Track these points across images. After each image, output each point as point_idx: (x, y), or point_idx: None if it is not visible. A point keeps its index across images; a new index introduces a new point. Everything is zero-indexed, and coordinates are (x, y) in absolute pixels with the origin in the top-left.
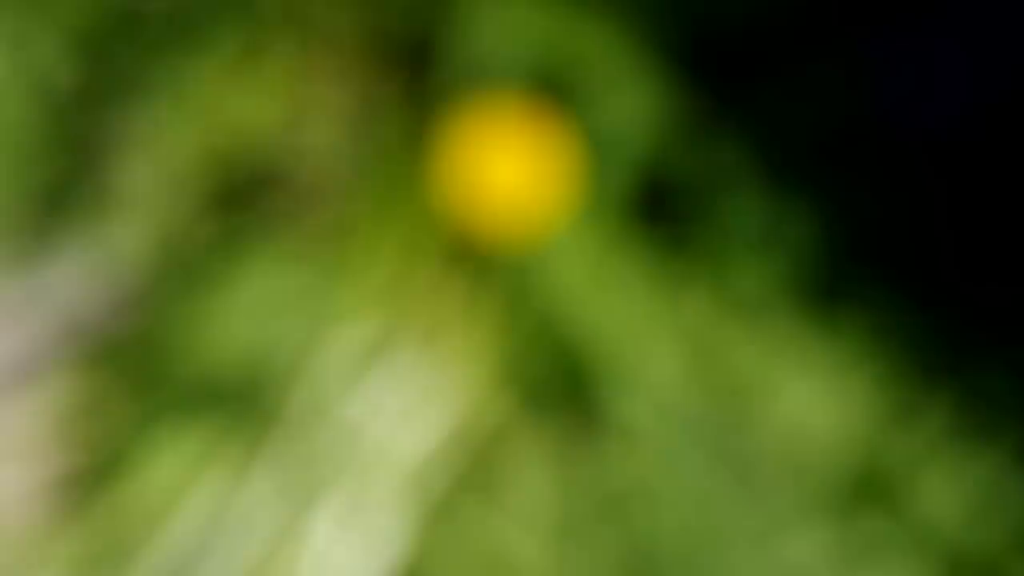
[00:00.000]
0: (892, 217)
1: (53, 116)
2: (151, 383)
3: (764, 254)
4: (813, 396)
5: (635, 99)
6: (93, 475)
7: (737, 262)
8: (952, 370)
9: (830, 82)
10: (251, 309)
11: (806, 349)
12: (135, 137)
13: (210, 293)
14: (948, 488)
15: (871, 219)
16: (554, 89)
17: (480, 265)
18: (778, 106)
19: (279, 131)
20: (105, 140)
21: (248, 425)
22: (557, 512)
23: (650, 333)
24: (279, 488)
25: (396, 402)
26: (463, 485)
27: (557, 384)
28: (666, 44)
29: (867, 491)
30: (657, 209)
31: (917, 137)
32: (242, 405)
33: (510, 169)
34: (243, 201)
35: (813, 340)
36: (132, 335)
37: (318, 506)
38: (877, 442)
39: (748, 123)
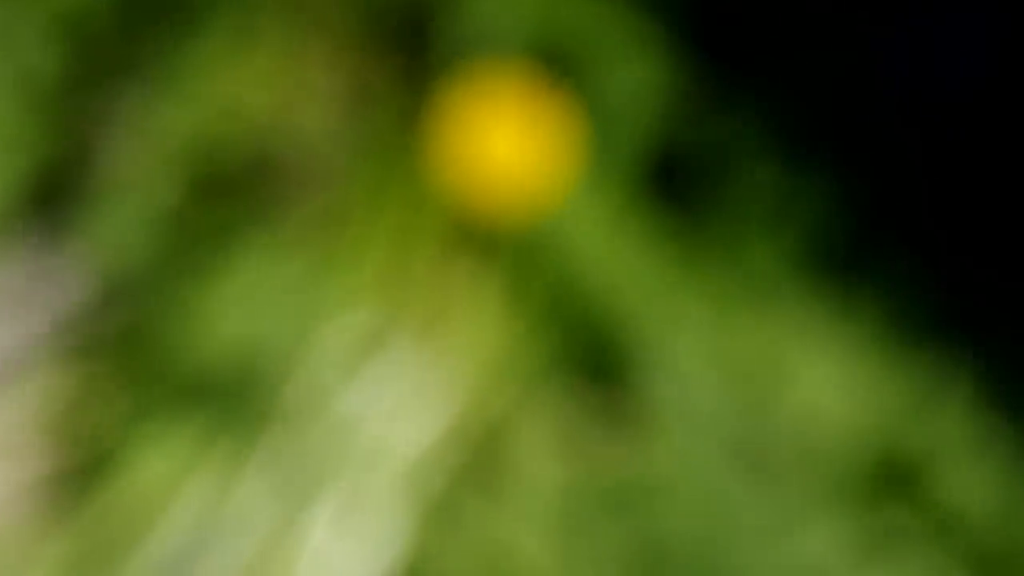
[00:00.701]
0: (908, 193)
1: (38, 104)
2: (141, 378)
3: (776, 231)
4: (829, 381)
5: (640, 69)
6: (82, 473)
7: (748, 240)
8: (973, 352)
9: (843, 52)
10: (243, 300)
11: (821, 331)
12: (123, 125)
13: (201, 284)
14: (972, 476)
15: (887, 195)
16: (554, 61)
17: (481, 248)
18: (789, 76)
19: (271, 116)
20: (92, 128)
21: (241, 420)
22: (562, 507)
23: (659, 315)
24: (274, 485)
25: (394, 394)
26: (464, 480)
27: (562, 372)
28: (672, 11)
29: (886, 480)
30: (665, 185)
31: (933, 109)
32: (235, 400)
33: (511, 146)
34: (234, 189)
35: (828, 321)
36: (121, 328)
37: (314, 504)
38: (896, 429)
39: (759, 94)
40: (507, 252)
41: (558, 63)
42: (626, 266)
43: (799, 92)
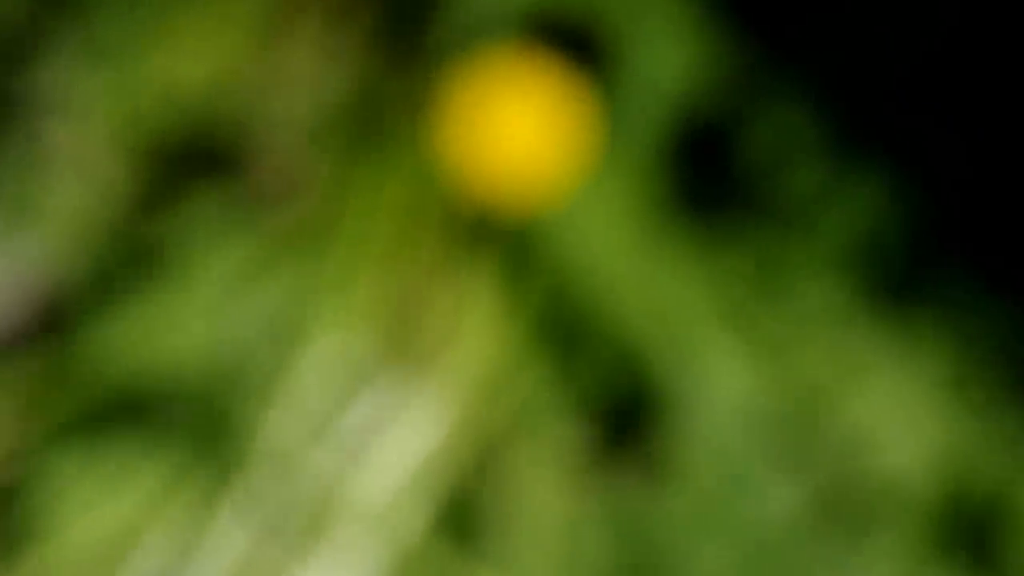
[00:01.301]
0: (976, 186)
1: None
2: (87, 412)
3: (823, 240)
4: (887, 414)
5: (667, 49)
6: (17, 526)
7: (791, 249)
8: None
9: (898, 26)
10: (208, 317)
11: (878, 356)
12: (57, 105)
13: (157, 299)
14: None
15: (951, 188)
16: (570, 40)
17: (483, 258)
18: (838, 54)
19: (239, 97)
20: (21, 109)
21: (207, 461)
22: (568, 550)
23: (689, 324)
24: (246, 529)
25: (380, 429)
26: (449, 520)
27: (573, 391)
28: None
29: (954, 528)
30: (693, 184)
31: (996, 85)
32: (199, 437)
33: (520, 137)
34: (194, 185)
35: (886, 346)
36: (60, 351)
37: (289, 555)
38: (966, 470)
39: (804, 79)
40: (512, 261)
41: (574, 42)
42: (646, 276)
43: (850, 78)
